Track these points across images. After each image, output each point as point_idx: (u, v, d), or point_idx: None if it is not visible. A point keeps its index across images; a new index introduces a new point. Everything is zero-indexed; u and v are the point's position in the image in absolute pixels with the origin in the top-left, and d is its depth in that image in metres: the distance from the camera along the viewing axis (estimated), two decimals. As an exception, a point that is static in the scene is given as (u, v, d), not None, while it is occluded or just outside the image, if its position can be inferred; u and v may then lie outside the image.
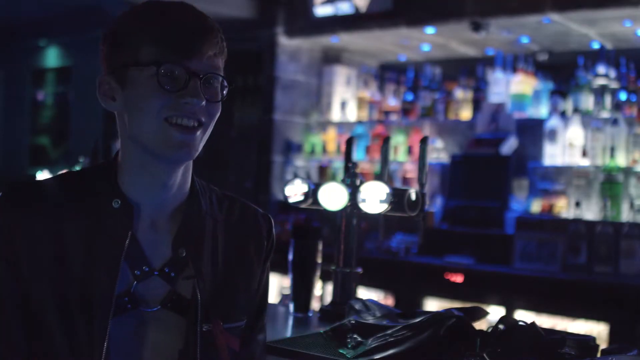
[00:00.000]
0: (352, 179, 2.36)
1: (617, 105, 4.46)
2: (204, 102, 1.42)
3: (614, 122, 4.37)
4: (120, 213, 1.45)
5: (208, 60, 1.43)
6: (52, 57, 8.42)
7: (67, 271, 1.40)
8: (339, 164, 5.56)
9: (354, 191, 2.34)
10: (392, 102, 5.64)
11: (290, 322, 2.35)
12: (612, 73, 4.57)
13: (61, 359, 1.38)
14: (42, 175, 4.20)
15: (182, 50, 1.40)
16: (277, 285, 4.81)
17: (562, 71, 4.96)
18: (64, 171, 1.60)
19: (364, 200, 2.32)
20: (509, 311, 4.12)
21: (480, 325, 1.80)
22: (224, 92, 1.47)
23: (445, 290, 4.44)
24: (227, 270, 1.55)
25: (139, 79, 1.41)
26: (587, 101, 4.57)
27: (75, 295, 1.39)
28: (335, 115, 5.86)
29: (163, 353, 1.46)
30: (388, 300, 4.67)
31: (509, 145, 4.80)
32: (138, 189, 1.48)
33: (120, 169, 1.49)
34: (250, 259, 1.62)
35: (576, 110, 4.57)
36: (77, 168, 3.45)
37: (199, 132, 1.44)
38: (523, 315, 4.07)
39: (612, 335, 3.84)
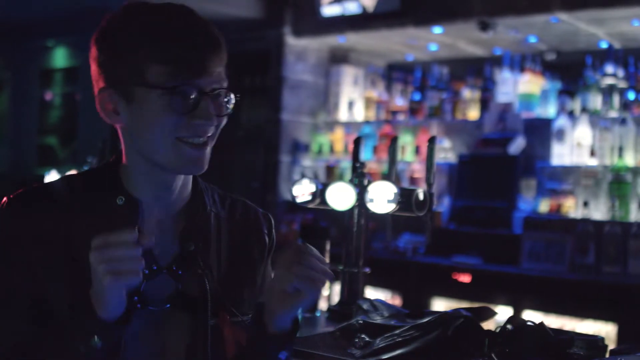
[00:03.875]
0: (360, 179, 2.35)
1: (626, 105, 4.44)
2: (215, 122, 1.42)
3: (622, 121, 4.36)
4: (125, 209, 1.46)
5: (216, 75, 1.41)
6: (59, 58, 8.43)
7: (79, 271, 1.38)
8: (346, 164, 5.56)
9: (361, 191, 2.34)
10: (400, 102, 5.63)
11: (298, 321, 2.35)
12: (621, 72, 4.55)
13: (78, 357, 1.36)
14: (51, 175, 4.21)
15: (194, 70, 1.37)
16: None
17: (570, 71, 4.94)
18: (69, 173, 1.61)
19: (371, 200, 2.31)
20: (517, 311, 4.11)
21: (488, 325, 1.79)
22: (230, 103, 1.45)
23: (453, 291, 4.43)
24: (231, 265, 1.56)
25: (147, 98, 1.38)
26: (595, 101, 4.56)
27: (88, 295, 1.37)
28: (343, 115, 5.85)
29: (171, 350, 1.47)
30: (395, 301, 4.66)
31: (517, 145, 4.79)
32: (142, 190, 1.49)
33: (124, 170, 1.50)
34: (252, 255, 1.63)
35: (584, 109, 4.55)
36: (85, 168, 3.45)
37: (209, 147, 1.45)
38: (531, 316, 4.06)
39: (621, 336, 3.82)
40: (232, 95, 1.46)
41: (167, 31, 1.38)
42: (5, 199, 1.44)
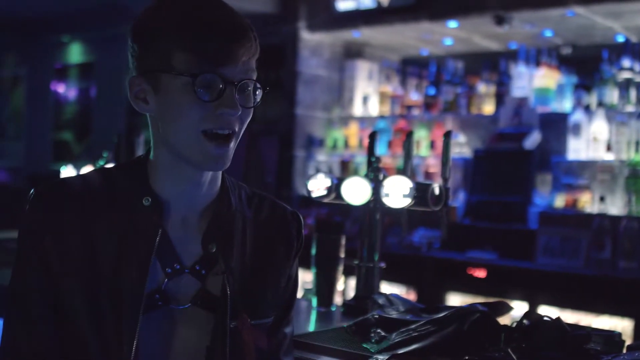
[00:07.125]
0: (375, 174, 2.35)
1: (642, 99, 4.42)
2: (240, 111, 1.40)
3: (639, 116, 4.33)
4: (151, 210, 1.44)
5: (243, 65, 1.40)
6: (75, 53, 8.47)
7: (98, 268, 1.39)
8: (360, 159, 5.56)
9: (377, 186, 2.33)
10: (415, 97, 5.62)
11: (313, 316, 2.36)
12: (637, 66, 4.52)
13: (91, 355, 1.38)
14: (66, 170, 4.23)
15: (218, 58, 1.36)
16: (300, 280, 4.80)
17: (586, 65, 4.91)
18: (93, 169, 1.60)
19: (387, 195, 2.31)
20: (532, 307, 4.09)
21: (504, 320, 1.79)
22: (257, 96, 1.44)
23: (468, 286, 4.42)
24: (255, 266, 1.54)
25: (172, 86, 1.37)
26: (612, 95, 4.53)
27: (105, 292, 1.39)
28: (357, 109, 5.85)
29: (191, 350, 1.46)
30: (410, 296, 4.66)
31: (532, 140, 4.77)
32: (169, 187, 1.47)
33: (151, 167, 1.48)
34: (278, 257, 1.61)
35: (600, 104, 4.53)
36: (109, 165, 3.46)
37: (232, 143, 1.42)
38: (546, 311, 4.04)
39: (637, 331, 3.80)
40: (259, 88, 1.44)
41: (193, 19, 1.37)
42: (32, 191, 1.43)
